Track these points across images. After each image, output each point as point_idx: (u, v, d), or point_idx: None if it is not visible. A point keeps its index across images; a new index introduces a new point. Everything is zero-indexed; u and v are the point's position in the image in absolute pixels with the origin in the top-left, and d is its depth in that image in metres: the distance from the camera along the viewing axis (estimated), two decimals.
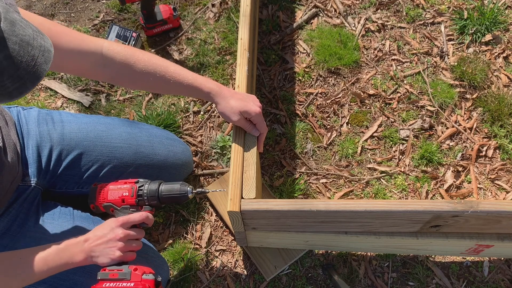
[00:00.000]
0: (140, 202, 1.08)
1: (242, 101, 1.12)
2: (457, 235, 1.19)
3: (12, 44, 0.70)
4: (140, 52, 1.11)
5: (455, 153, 1.64)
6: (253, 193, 1.05)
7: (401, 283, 1.42)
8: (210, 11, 1.96)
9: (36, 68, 0.73)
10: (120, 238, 1.01)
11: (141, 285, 0.98)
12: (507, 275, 1.43)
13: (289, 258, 1.43)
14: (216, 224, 1.53)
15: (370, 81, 1.78)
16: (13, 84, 0.71)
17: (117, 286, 0.98)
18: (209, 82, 1.13)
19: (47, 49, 0.76)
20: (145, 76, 1.10)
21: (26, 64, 0.72)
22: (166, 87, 1.14)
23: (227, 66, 1.82)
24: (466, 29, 1.86)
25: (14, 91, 0.72)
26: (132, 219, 1.05)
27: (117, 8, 1.98)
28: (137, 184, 1.08)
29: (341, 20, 1.93)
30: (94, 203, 1.10)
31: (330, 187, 1.58)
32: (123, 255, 1.01)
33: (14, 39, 0.70)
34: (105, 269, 1.01)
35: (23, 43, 0.71)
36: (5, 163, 1.06)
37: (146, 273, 1.01)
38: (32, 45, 0.73)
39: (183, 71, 1.12)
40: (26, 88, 0.73)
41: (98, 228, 1.05)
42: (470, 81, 1.75)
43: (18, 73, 0.71)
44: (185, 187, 1.09)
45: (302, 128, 1.68)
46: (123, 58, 1.08)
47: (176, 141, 1.45)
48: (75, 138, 1.26)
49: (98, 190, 1.10)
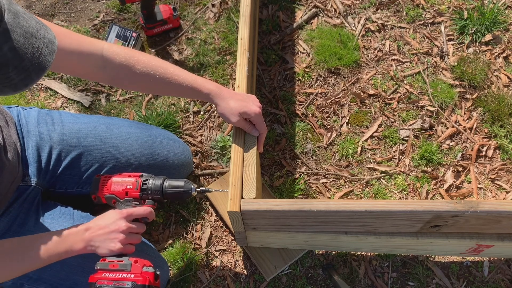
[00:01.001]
0: (144, 196, 1.08)
1: (242, 101, 1.12)
2: (457, 235, 1.19)
3: (17, 36, 0.70)
4: (139, 54, 1.11)
5: (455, 153, 1.64)
6: (253, 193, 1.05)
7: (401, 283, 1.42)
8: (210, 11, 1.96)
9: (41, 59, 0.73)
10: (122, 231, 1.01)
11: (141, 276, 0.98)
12: (507, 275, 1.43)
13: (289, 258, 1.43)
14: (216, 224, 1.53)
15: (370, 81, 1.78)
16: (18, 76, 0.71)
17: (117, 277, 0.98)
18: (209, 83, 1.13)
19: (51, 40, 0.76)
20: (144, 77, 1.10)
21: (30, 56, 0.72)
22: (165, 89, 1.15)
23: (227, 66, 1.82)
24: (466, 29, 1.86)
25: (19, 83, 0.72)
26: (137, 212, 1.05)
27: (117, 8, 1.98)
28: (141, 178, 1.09)
29: (341, 20, 1.93)
30: (96, 194, 1.10)
31: (330, 187, 1.58)
32: (123, 247, 1.01)
33: (19, 31, 0.70)
34: (105, 259, 1.01)
35: (27, 35, 0.71)
36: (5, 163, 1.06)
37: (146, 266, 1.01)
38: (36, 36, 0.73)
39: (183, 73, 1.12)
40: (31, 79, 0.73)
41: (100, 218, 1.04)
42: (470, 81, 1.75)
43: (23, 65, 0.71)
44: (189, 185, 1.10)
45: (302, 128, 1.68)
46: (122, 59, 1.08)
47: (176, 141, 1.45)
48: (75, 138, 1.26)
49: (102, 181, 1.09)
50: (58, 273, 1.09)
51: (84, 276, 1.14)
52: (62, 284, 1.14)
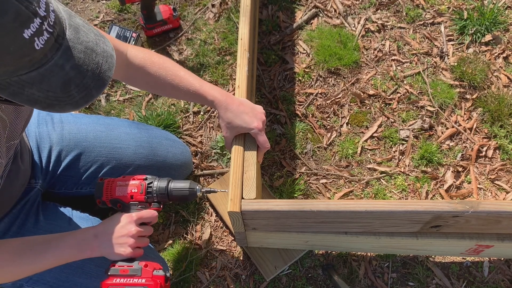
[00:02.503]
0: (149, 199, 1.07)
1: (244, 115, 1.10)
2: (457, 236, 1.19)
3: (78, 53, 0.69)
4: (156, 56, 1.13)
5: (455, 153, 1.64)
6: (254, 193, 1.05)
7: (401, 283, 1.42)
8: (210, 11, 1.96)
9: (101, 75, 0.72)
10: (132, 235, 1.01)
11: (153, 281, 0.98)
12: (507, 275, 1.43)
13: (289, 259, 1.43)
14: (216, 224, 1.53)
15: (370, 82, 1.78)
16: (79, 94, 0.71)
17: (128, 282, 0.97)
18: (214, 90, 1.12)
19: (109, 54, 0.75)
20: (156, 79, 1.11)
21: (91, 73, 0.71)
22: (174, 92, 1.15)
23: (227, 66, 1.82)
24: (466, 29, 1.86)
25: (80, 100, 0.71)
26: (145, 216, 1.04)
27: (117, 9, 1.97)
28: (146, 181, 1.08)
29: (341, 20, 1.93)
30: (101, 198, 1.09)
31: (330, 187, 1.58)
32: (133, 251, 1.01)
33: (79, 47, 0.69)
34: (115, 265, 1.00)
35: (88, 50, 0.70)
36: (20, 167, 1.06)
37: (156, 269, 1.00)
38: (96, 51, 0.72)
39: (191, 77, 1.12)
40: (92, 96, 0.72)
41: (109, 221, 1.03)
42: (470, 81, 1.75)
43: (84, 82, 0.70)
44: (194, 186, 1.09)
45: (302, 129, 1.68)
46: (141, 60, 1.10)
47: (175, 142, 1.45)
48: (74, 139, 1.26)
49: (106, 186, 1.09)
50: (58, 275, 1.09)
51: (84, 277, 1.14)
52: (61, 285, 1.14)
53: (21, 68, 0.63)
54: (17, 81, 0.65)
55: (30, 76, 0.65)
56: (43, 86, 0.67)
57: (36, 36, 0.62)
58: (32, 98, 0.67)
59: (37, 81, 0.66)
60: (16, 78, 0.64)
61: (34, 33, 0.61)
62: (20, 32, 0.60)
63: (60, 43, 0.67)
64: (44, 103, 0.69)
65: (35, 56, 0.63)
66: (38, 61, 0.64)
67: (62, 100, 0.69)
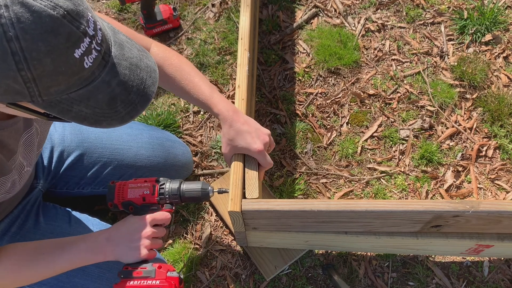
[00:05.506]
0: (162, 201, 1.07)
1: (246, 134, 1.08)
2: (457, 235, 1.19)
3: (123, 69, 0.70)
4: (174, 56, 1.13)
5: (455, 153, 1.64)
6: (256, 192, 1.05)
7: (401, 283, 1.42)
8: (210, 11, 1.96)
9: (145, 90, 0.73)
10: (147, 236, 1.00)
11: (167, 282, 0.97)
12: (507, 275, 1.43)
13: (289, 258, 1.43)
14: (216, 224, 1.53)
15: (370, 81, 1.78)
16: (125, 109, 0.71)
17: (143, 285, 0.97)
18: (222, 104, 1.10)
19: (153, 69, 0.76)
20: (171, 80, 1.11)
21: (136, 88, 0.71)
22: (185, 96, 1.14)
23: (227, 66, 1.82)
24: (466, 29, 1.86)
25: (125, 116, 0.72)
26: (159, 217, 1.04)
27: (117, 8, 1.97)
28: (158, 183, 1.08)
29: (341, 20, 1.92)
30: (113, 201, 1.08)
31: (330, 187, 1.58)
32: (148, 253, 1.00)
33: (125, 64, 0.70)
34: (128, 267, 0.99)
35: (132, 66, 0.71)
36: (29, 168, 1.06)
37: (170, 271, 1.00)
38: (140, 67, 0.73)
39: (204, 85, 1.12)
40: (137, 111, 0.73)
41: (122, 224, 1.03)
42: (470, 81, 1.75)
43: (130, 98, 0.71)
44: (207, 186, 1.08)
45: (302, 128, 1.68)
46: (161, 59, 1.10)
47: (176, 143, 1.45)
48: (76, 140, 1.27)
49: (117, 188, 1.08)
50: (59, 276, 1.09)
51: (85, 279, 1.14)
52: (62, 286, 1.14)
53: (71, 86, 0.64)
54: (67, 98, 0.65)
55: (78, 94, 0.66)
56: (91, 103, 0.67)
57: (85, 55, 0.63)
58: (80, 115, 0.68)
59: (85, 98, 0.67)
60: (65, 96, 0.65)
61: (84, 53, 0.62)
62: (72, 52, 0.61)
63: (107, 61, 0.67)
64: (92, 119, 0.69)
65: (84, 74, 0.64)
66: (86, 79, 0.65)
67: (108, 116, 0.70)
